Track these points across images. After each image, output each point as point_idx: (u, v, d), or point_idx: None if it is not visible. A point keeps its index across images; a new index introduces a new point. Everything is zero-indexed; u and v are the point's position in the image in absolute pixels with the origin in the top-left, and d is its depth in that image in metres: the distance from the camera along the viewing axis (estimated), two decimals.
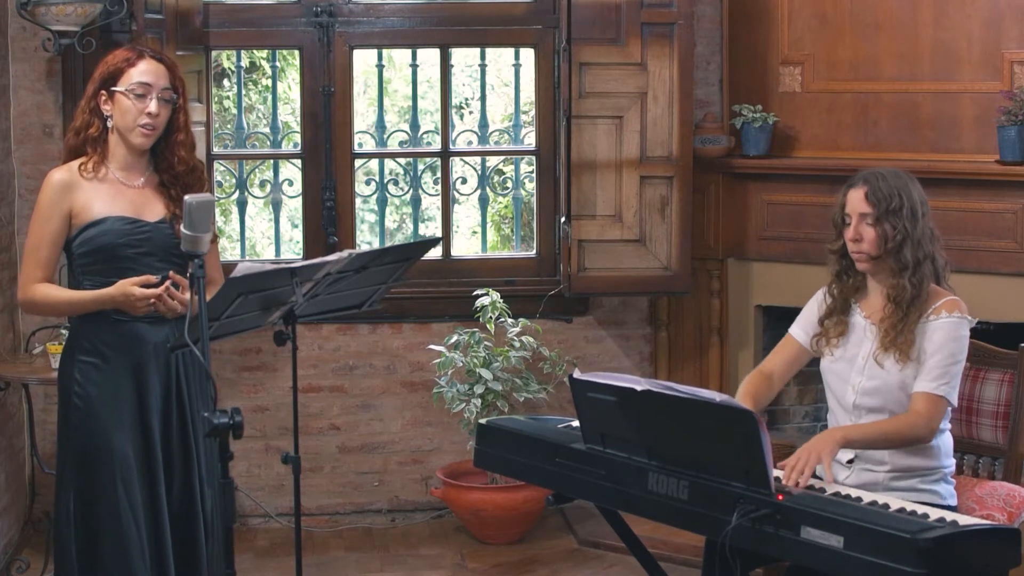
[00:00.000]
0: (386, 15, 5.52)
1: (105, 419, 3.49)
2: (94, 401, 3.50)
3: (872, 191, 3.43)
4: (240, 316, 3.35)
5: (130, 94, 3.48)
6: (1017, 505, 3.57)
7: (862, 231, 3.44)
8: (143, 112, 3.48)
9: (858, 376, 3.50)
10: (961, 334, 3.43)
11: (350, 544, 5.32)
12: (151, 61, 3.53)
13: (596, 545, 5.17)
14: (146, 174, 3.60)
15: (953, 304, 3.44)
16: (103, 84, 3.54)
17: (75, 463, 3.52)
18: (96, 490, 3.49)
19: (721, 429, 3.04)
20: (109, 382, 3.50)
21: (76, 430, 3.51)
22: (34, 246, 3.56)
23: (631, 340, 5.71)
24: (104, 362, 3.51)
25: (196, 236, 3.05)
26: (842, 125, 5.30)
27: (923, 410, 3.37)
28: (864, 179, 3.47)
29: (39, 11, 4.82)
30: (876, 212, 3.42)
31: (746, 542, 3.00)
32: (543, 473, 3.49)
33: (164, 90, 3.52)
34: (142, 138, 3.52)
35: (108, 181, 3.54)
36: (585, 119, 5.17)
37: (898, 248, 3.42)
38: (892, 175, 3.49)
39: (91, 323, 3.53)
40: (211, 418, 2.89)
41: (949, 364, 3.39)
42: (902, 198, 3.43)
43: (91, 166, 3.53)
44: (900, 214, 3.42)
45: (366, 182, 5.82)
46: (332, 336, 5.54)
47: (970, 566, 2.85)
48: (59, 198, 3.51)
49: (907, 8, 5.11)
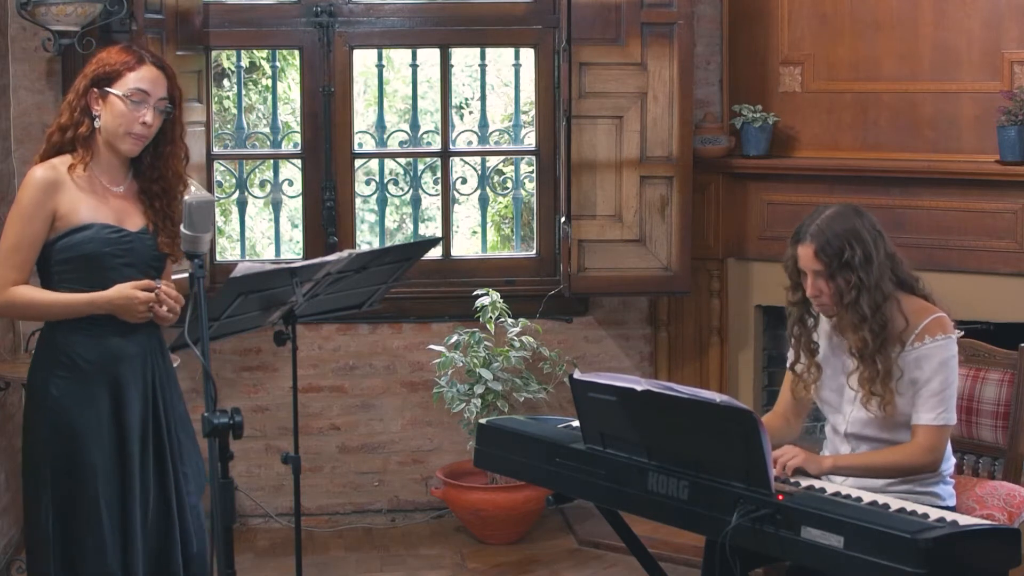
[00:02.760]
0: (386, 15, 5.52)
1: (83, 435, 3.33)
2: (72, 416, 3.34)
3: (820, 248, 3.34)
4: (240, 316, 3.35)
5: (127, 100, 3.31)
6: (1017, 505, 3.57)
7: (820, 287, 3.38)
8: (138, 121, 3.32)
9: (849, 406, 3.48)
10: (950, 355, 3.38)
11: (350, 544, 5.32)
12: (152, 68, 3.36)
13: (596, 545, 5.17)
14: (127, 180, 3.43)
15: (936, 325, 3.38)
16: (96, 82, 3.35)
17: (53, 479, 3.35)
18: (78, 506, 3.34)
19: (721, 429, 3.04)
20: (87, 396, 3.35)
21: (53, 446, 3.35)
22: (12, 247, 3.31)
23: (631, 340, 5.72)
24: (81, 375, 3.34)
25: (196, 236, 3.04)
26: (842, 125, 5.30)
27: (924, 442, 3.36)
28: (811, 235, 3.36)
29: (39, 11, 4.82)
30: (828, 269, 3.35)
31: (746, 542, 3.00)
32: (543, 473, 3.49)
33: (161, 100, 3.35)
34: (131, 145, 3.35)
35: (93, 185, 3.37)
36: (585, 119, 5.17)
37: (855, 301, 3.34)
38: (839, 219, 3.37)
39: (66, 332, 3.35)
40: (211, 418, 2.88)
41: (943, 390, 3.36)
42: (853, 247, 3.33)
43: (81, 169, 3.34)
44: (852, 265, 3.32)
45: (366, 182, 5.82)
46: (332, 336, 5.54)
47: (970, 566, 2.85)
48: (44, 197, 3.30)
49: (907, 8, 5.11)
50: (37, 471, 3.38)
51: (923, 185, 5.00)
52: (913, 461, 3.36)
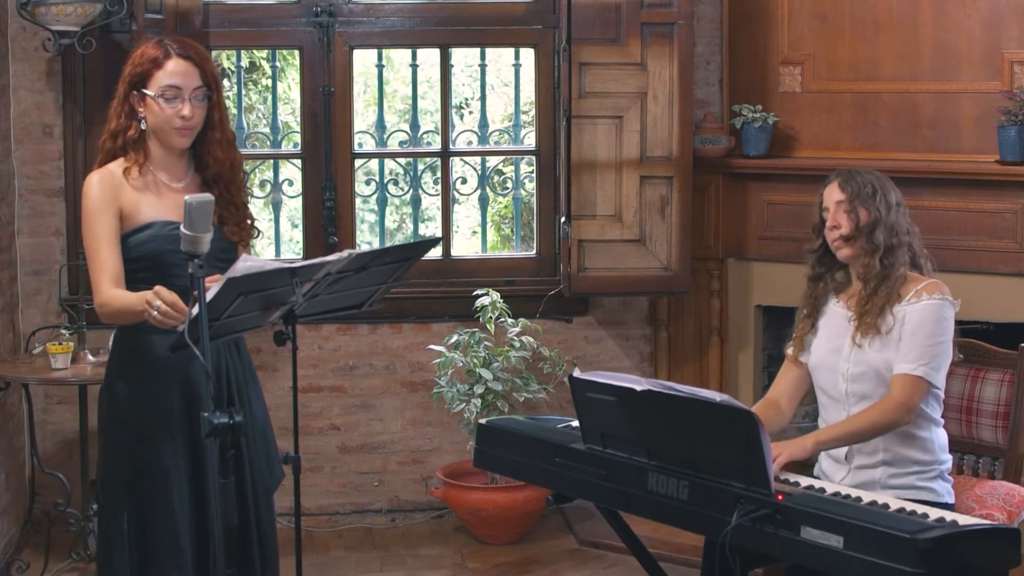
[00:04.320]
0: (386, 15, 5.52)
1: (156, 436, 3.34)
2: (144, 417, 3.35)
3: (845, 180, 3.57)
4: (240, 316, 3.34)
5: (160, 99, 3.34)
6: (1017, 505, 3.57)
7: (839, 219, 3.54)
8: (176, 115, 3.34)
9: (845, 363, 3.54)
10: (942, 315, 3.46)
11: (350, 544, 5.32)
12: (179, 60, 3.35)
13: (596, 545, 5.17)
14: (189, 175, 3.47)
15: (933, 286, 3.50)
16: (133, 85, 3.38)
17: (126, 481, 3.37)
18: (149, 509, 3.35)
19: (721, 429, 3.04)
20: (158, 395, 3.35)
21: (125, 448, 3.37)
22: (93, 249, 3.33)
23: (631, 340, 5.72)
24: (153, 374, 3.35)
25: (196, 236, 3.03)
26: (842, 125, 5.30)
27: (897, 393, 3.42)
28: (838, 173, 3.62)
29: (39, 11, 4.83)
30: (850, 197, 3.53)
31: (746, 542, 3.00)
32: (543, 473, 3.49)
33: (196, 89, 3.36)
34: (180, 139, 3.38)
35: (152, 184, 3.40)
36: (585, 119, 5.18)
37: (871, 229, 3.51)
38: (867, 171, 3.62)
39: (137, 332, 3.35)
40: (211, 418, 2.88)
41: (928, 344, 3.42)
42: (875, 187, 3.55)
43: (136, 171, 3.37)
44: (873, 199, 3.53)
45: (366, 182, 5.83)
46: (332, 336, 5.54)
47: (970, 566, 2.85)
48: (107, 195, 3.33)
49: (907, 8, 5.11)
50: (111, 470, 3.42)
51: (923, 185, 5.00)
52: (886, 416, 3.41)
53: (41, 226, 5.33)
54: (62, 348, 4.63)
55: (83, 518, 4.80)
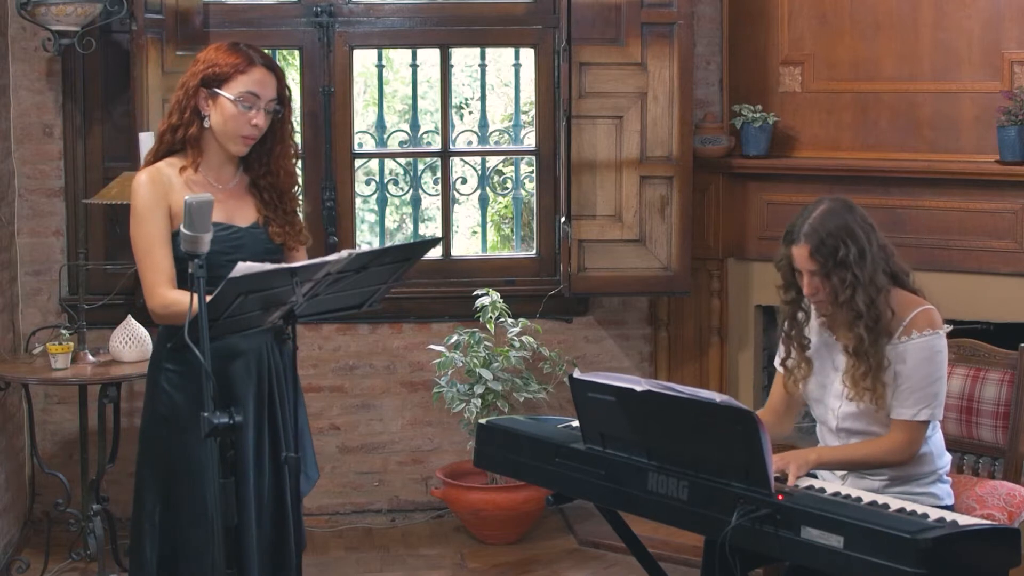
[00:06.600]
0: (386, 15, 5.52)
1: (193, 432, 3.27)
2: (182, 412, 3.35)
3: (815, 248, 3.32)
4: (240, 316, 3.34)
5: (238, 103, 3.33)
6: (1017, 505, 3.57)
7: (816, 285, 3.37)
8: (248, 123, 3.34)
9: (836, 400, 3.48)
10: (936, 351, 3.36)
11: (350, 544, 5.32)
12: (262, 70, 3.37)
13: (596, 545, 5.17)
14: (236, 176, 3.46)
15: (924, 319, 3.37)
16: (206, 83, 3.35)
17: (162, 474, 3.38)
18: (183, 502, 3.37)
19: (721, 429, 3.04)
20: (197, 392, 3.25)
21: (163, 441, 3.38)
22: (145, 250, 3.32)
23: (631, 340, 5.72)
24: (192, 371, 3.30)
25: (196, 236, 3.03)
26: (842, 125, 5.30)
27: (901, 438, 3.36)
28: (805, 235, 3.35)
29: (39, 11, 4.83)
30: (824, 268, 3.34)
31: (746, 542, 3.00)
32: (543, 473, 3.49)
33: (271, 101, 3.37)
34: (241, 146, 3.39)
35: (203, 184, 3.38)
36: (585, 119, 5.18)
37: (850, 299, 3.33)
38: (831, 216, 3.36)
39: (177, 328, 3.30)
40: (211, 418, 2.88)
41: (926, 386, 3.35)
42: (847, 244, 3.32)
43: (192, 170, 3.37)
44: (848, 262, 3.31)
45: (366, 182, 5.83)
46: (332, 336, 5.54)
47: (970, 566, 2.85)
48: (156, 193, 3.32)
49: (907, 8, 5.11)
50: (148, 463, 3.42)
51: (923, 185, 5.01)
52: (889, 456, 3.37)
53: (41, 226, 5.34)
54: (62, 348, 4.62)
55: (83, 518, 4.80)
